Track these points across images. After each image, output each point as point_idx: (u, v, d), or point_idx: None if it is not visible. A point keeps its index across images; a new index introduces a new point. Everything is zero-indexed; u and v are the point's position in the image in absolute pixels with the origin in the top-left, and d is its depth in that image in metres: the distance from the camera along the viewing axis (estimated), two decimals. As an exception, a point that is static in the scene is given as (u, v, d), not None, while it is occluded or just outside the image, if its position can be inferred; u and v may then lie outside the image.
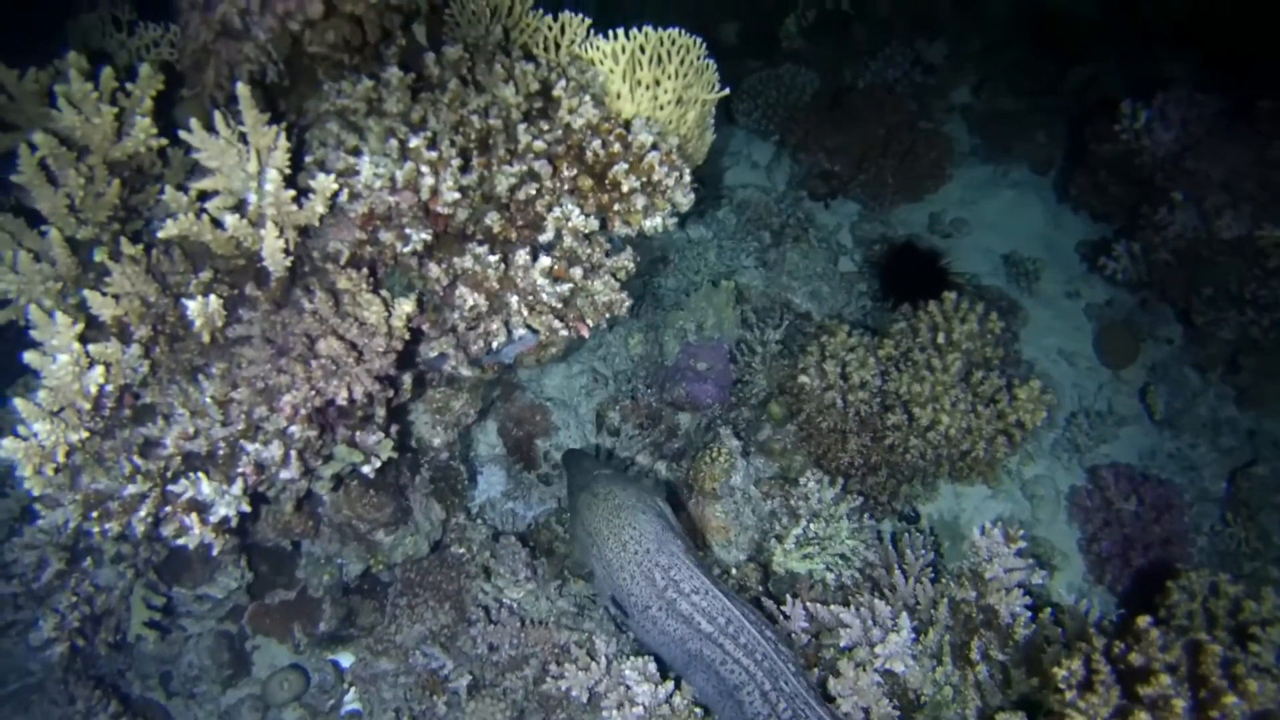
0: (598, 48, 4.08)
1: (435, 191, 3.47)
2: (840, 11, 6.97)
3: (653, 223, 3.84)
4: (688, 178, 3.93)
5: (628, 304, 3.79)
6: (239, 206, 3.56)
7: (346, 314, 3.47)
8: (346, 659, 4.88)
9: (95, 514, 3.50)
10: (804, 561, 4.58)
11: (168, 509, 3.54)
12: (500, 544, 4.92)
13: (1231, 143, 5.47)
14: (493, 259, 3.46)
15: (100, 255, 3.69)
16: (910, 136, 6.54)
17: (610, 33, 4.10)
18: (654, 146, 3.77)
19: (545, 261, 3.49)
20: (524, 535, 5.16)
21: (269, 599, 4.80)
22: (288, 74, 3.75)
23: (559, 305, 3.60)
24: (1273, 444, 5.46)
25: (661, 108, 4.25)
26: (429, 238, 3.51)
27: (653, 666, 4.28)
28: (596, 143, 3.71)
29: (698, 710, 4.19)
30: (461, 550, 4.88)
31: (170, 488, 3.52)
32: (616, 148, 3.74)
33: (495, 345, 3.73)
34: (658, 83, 4.20)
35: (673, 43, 4.16)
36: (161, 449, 3.57)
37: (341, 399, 3.48)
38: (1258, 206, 5.45)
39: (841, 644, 4.29)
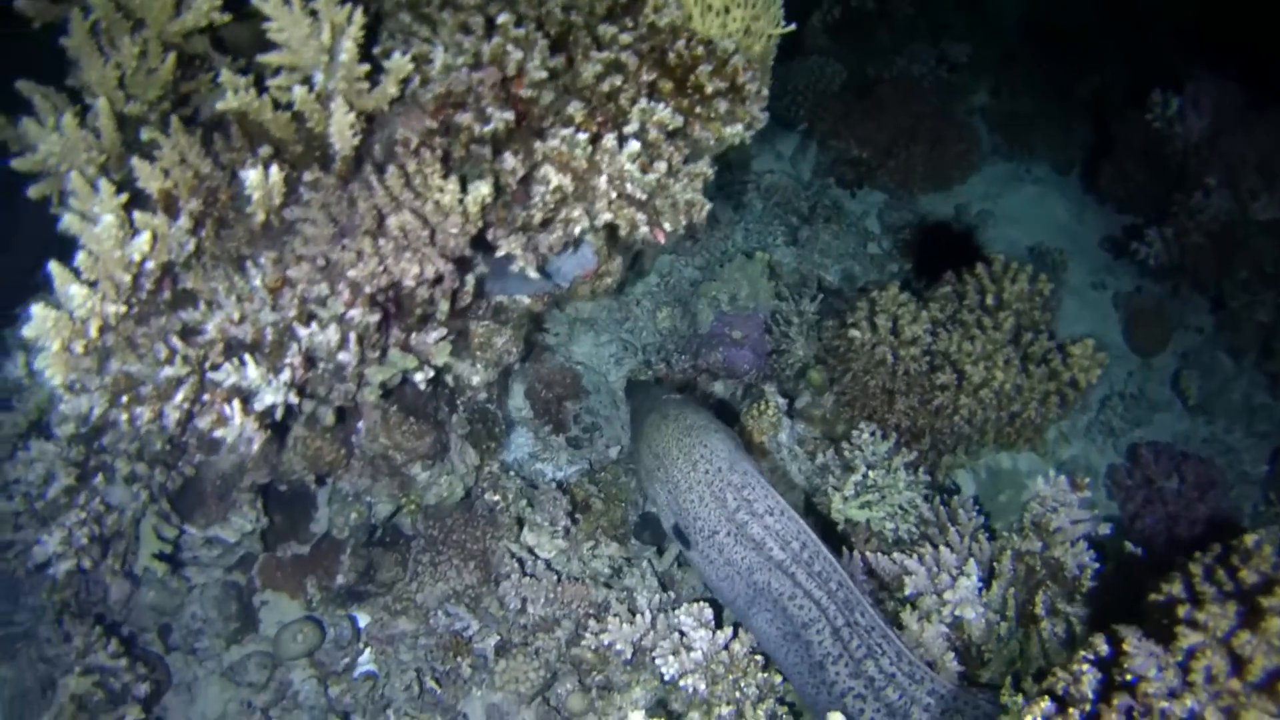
0: (673, -35, 3.99)
1: (521, 70, 3.31)
2: (865, 10, 7.05)
3: (733, 129, 3.70)
4: (765, 91, 3.82)
5: (708, 207, 3.63)
6: (305, 84, 3.36)
7: (420, 193, 3.27)
8: (363, 618, 4.52)
9: (125, 398, 3.20)
10: (863, 510, 4.38)
11: (206, 397, 3.25)
12: (540, 491, 4.66)
13: (1264, 126, 5.56)
14: (582, 137, 3.28)
15: (149, 134, 3.44)
16: (939, 126, 6.58)
17: (685, -48, 4.02)
18: (736, 51, 3.66)
19: (634, 146, 3.33)
20: (562, 486, 4.88)
21: (281, 552, 4.46)
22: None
23: (644, 197, 3.43)
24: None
25: (730, 36, 4.17)
26: (511, 118, 3.34)
27: (709, 612, 4.03)
28: (680, 43, 3.59)
29: (758, 658, 3.93)
30: (496, 497, 4.60)
31: (210, 375, 3.24)
32: (700, 50, 3.62)
33: (571, 241, 3.53)
34: (728, 10, 4.12)
35: (745, -31, 4.09)
36: (202, 334, 3.30)
37: (411, 278, 3.25)
38: (1293, 189, 5.53)
39: (907, 592, 4.07)
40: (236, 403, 3.20)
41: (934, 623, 4.07)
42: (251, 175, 3.19)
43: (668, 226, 3.65)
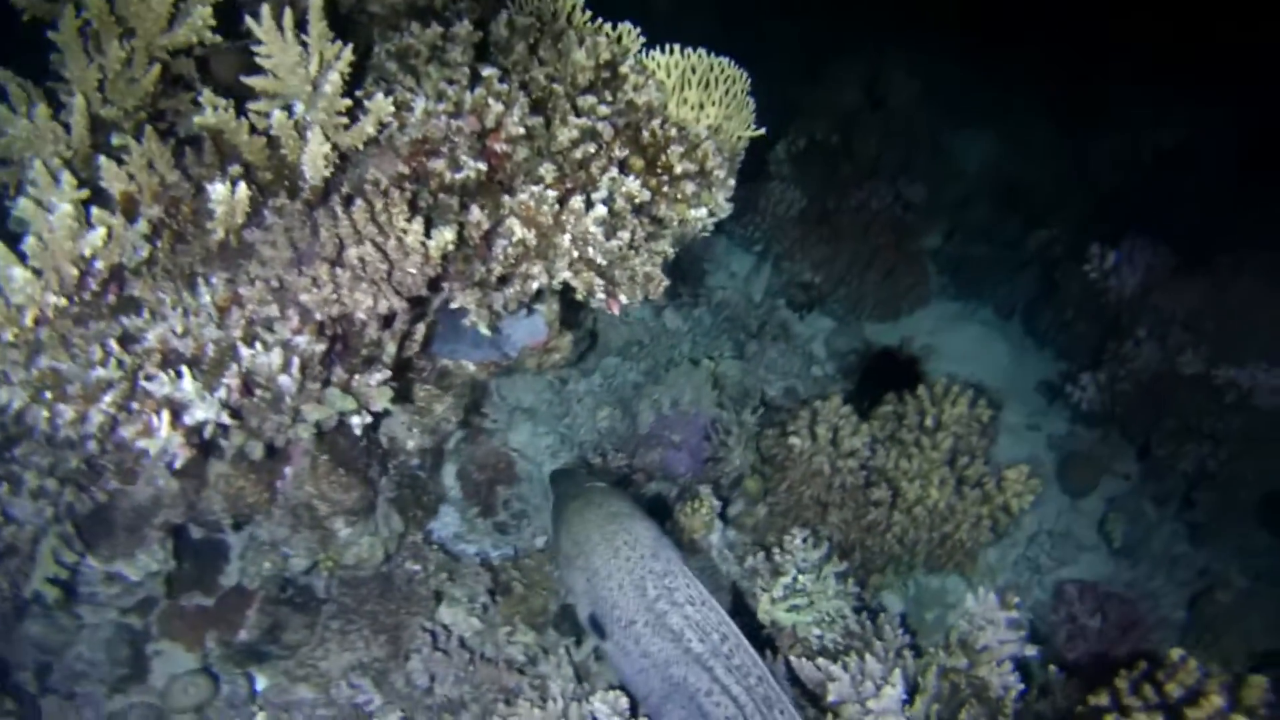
0: (654, 59, 4.18)
1: (500, 123, 3.39)
2: (829, 144, 7.41)
3: (698, 213, 3.82)
4: (732, 182, 3.97)
5: (665, 283, 3.68)
6: (286, 111, 3.41)
7: (384, 229, 3.28)
8: (262, 680, 4.24)
9: (50, 394, 3.07)
10: (790, 614, 4.29)
11: (135, 405, 3.13)
12: (462, 564, 4.50)
13: (1191, 287, 5.90)
14: (550, 194, 3.35)
15: (120, 140, 3.43)
16: (894, 259, 6.84)
17: (665, 47, 4.22)
18: (708, 137, 3.82)
19: (601, 210, 3.40)
20: (485, 562, 4.73)
21: (185, 601, 4.22)
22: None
23: (604, 263, 3.48)
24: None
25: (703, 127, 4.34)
26: (484, 169, 3.40)
27: (624, 701, 3.85)
28: (655, 122, 3.74)
29: (672, 753, 3.75)
30: (416, 566, 4.43)
31: (143, 384, 3.13)
32: (673, 132, 3.77)
33: (526, 300, 3.54)
34: (702, 106, 4.31)
35: (721, 70, 4.29)
36: (142, 342, 3.21)
37: (363, 311, 3.22)
38: (1215, 346, 5.80)
39: (830, 699, 3.95)
40: (166, 414, 3.08)
41: (854, 733, 3.95)
42: (219, 188, 3.17)
43: (623, 298, 3.69)
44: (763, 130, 4.53)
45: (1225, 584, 5.49)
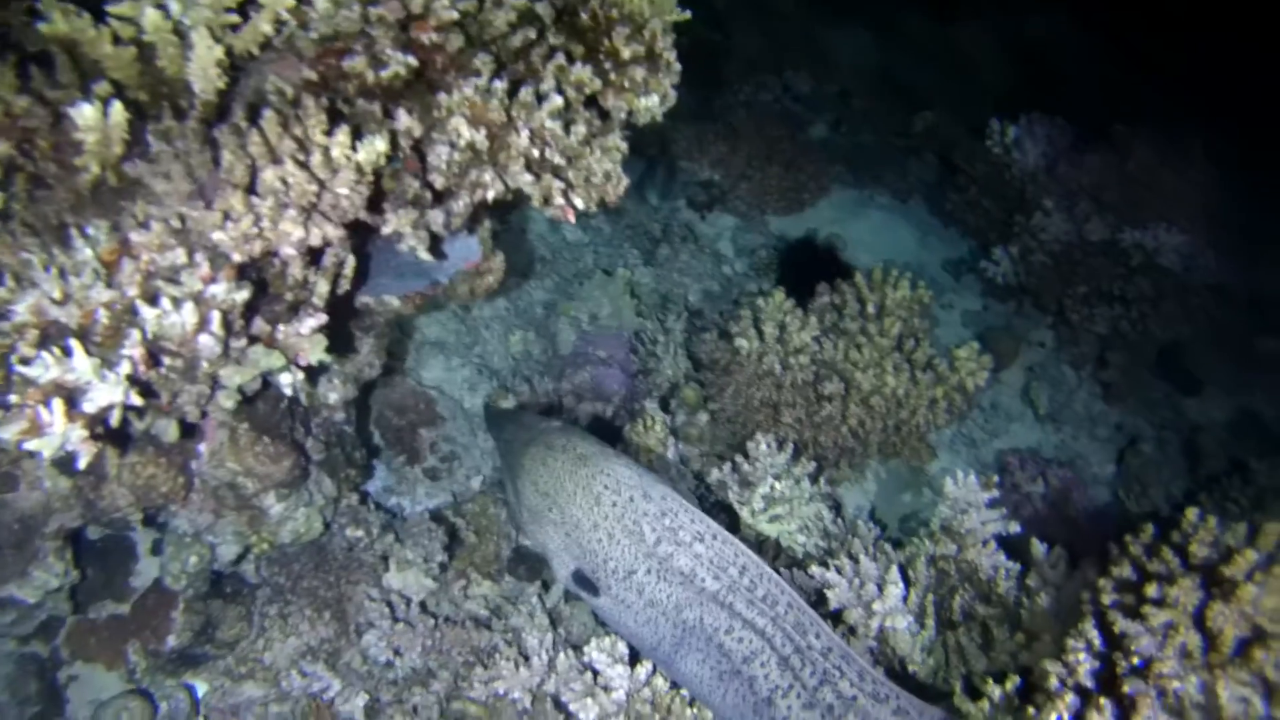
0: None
1: (428, 9, 2.84)
2: (712, 42, 7.05)
3: (648, 102, 3.39)
4: (679, 66, 3.55)
5: (625, 183, 3.28)
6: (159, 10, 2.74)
7: (304, 145, 2.71)
8: (202, 686, 3.69)
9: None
10: (773, 524, 4.09)
11: (13, 398, 2.50)
12: (411, 523, 4.04)
13: (1092, 157, 5.97)
14: (500, 84, 2.85)
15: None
16: (792, 150, 6.62)
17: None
18: (653, 16, 3.37)
19: (556, 100, 2.93)
20: (435, 516, 4.28)
21: (94, 613, 3.61)
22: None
23: (563, 162, 3.03)
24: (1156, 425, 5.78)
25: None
26: (414, 64, 2.85)
27: (623, 646, 3.56)
28: (595, 1, 3.26)
29: (683, 693, 3.50)
30: (359, 533, 3.94)
31: (20, 369, 2.50)
32: (615, 12, 3.30)
33: (473, 214, 3.06)
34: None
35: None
36: (9, 317, 2.56)
37: (292, 245, 2.67)
38: (1119, 212, 5.93)
39: (831, 607, 3.80)
40: (58, 403, 2.47)
41: (860, 638, 3.83)
42: (85, 111, 2.52)
43: (579, 203, 3.26)
44: (688, 14, 4.11)
45: (1141, 437, 5.72)
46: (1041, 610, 3.77)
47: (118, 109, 2.58)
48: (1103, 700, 2.54)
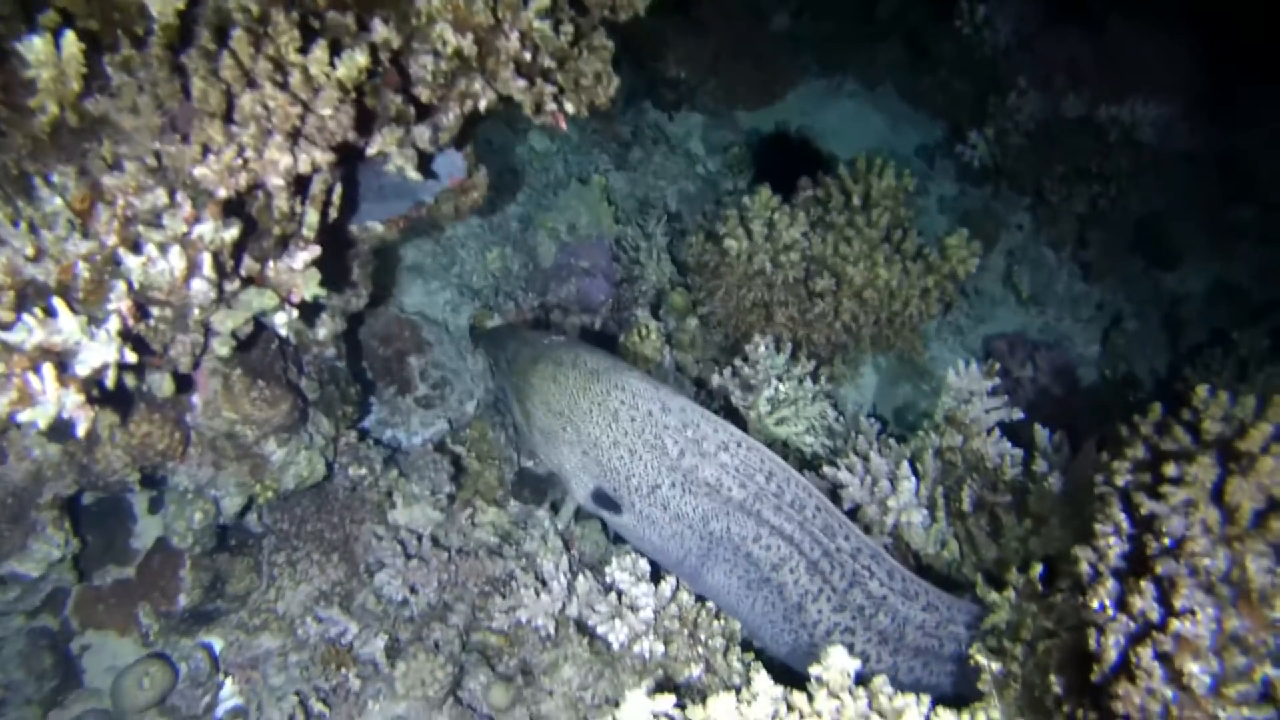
0: None
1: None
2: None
3: (636, -5, 3.19)
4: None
5: (616, 83, 3.10)
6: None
7: (279, 64, 2.49)
8: (218, 643, 3.60)
9: None
10: (782, 427, 4.05)
11: (-1, 367, 2.32)
12: (414, 456, 3.94)
13: (1068, 31, 5.83)
14: (485, -12, 2.63)
15: None
16: (760, 42, 6.37)
17: None
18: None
19: None
20: (439, 447, 4.18)
21: (98, 579, 3.49)
22: None
23: (553, 65, 2.84)
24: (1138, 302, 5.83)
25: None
26: (389, -32, 2.62)
27: (643, 563, 3.53)
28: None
29: (709, 605, 3.50)
30: (362, 470, 3.83)
31: (2, 335, 2.31)
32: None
33: (463, 125, 2.87)
34: None
35: None
36: (-21, 281, 2.35)
37: (280, 174, 2.47)
38: (1095, 87, 5.82)
39: (845, 506, 3.80)
40: (48, 369, 2.30)
41: (876, 534, 3.85)
42: (36, 44, 2.28)
43: (570, 108, 3.09)
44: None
45: (1124, 315, 5.76)
46: (1048, 494, 3.82)
47: (70, 40, 2.33)
48: (1143, 583, 2.55)
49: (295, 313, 2.92)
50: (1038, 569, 3.27)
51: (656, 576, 3.53)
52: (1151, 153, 5.82)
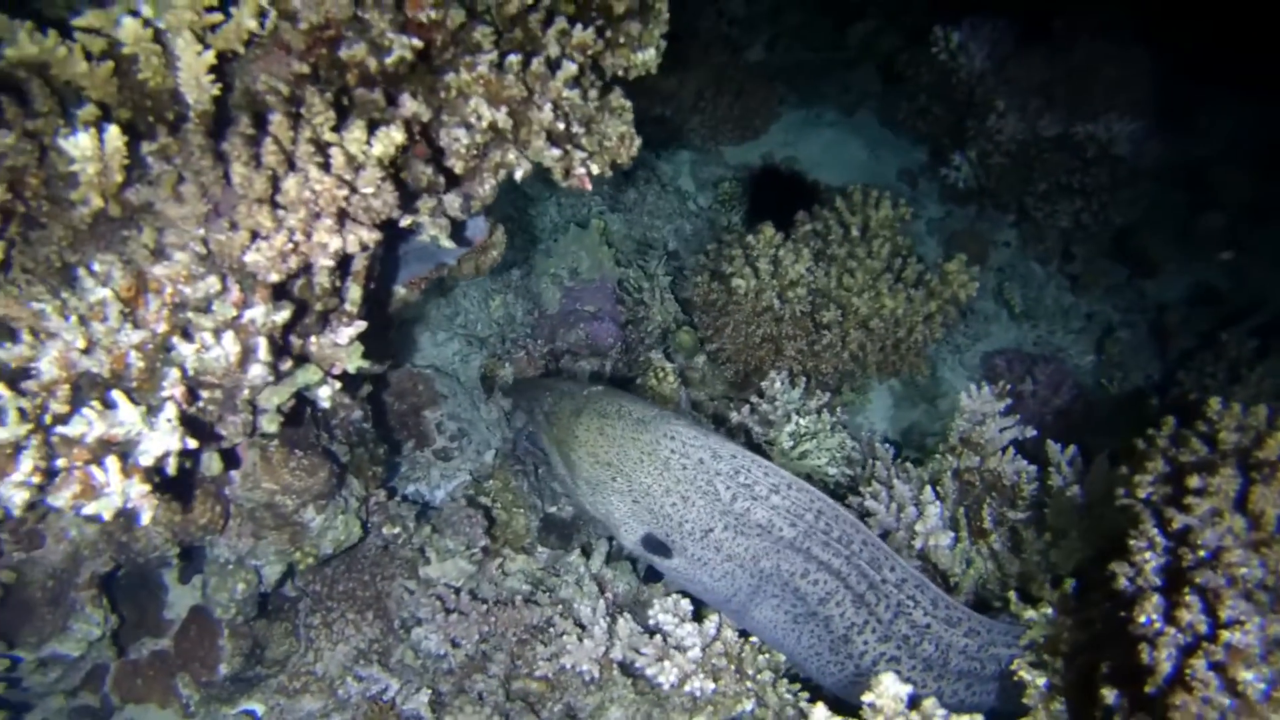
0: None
1: (424, -16, 2.67)
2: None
3: (644, 56, 3.27)
4: (667, 14, 3.43)
5: (638, 142, 3.18)
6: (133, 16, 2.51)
7: (319, 145, 2.54)
8: (260, 708, 3.59)
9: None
10: (805, 460, 4.13)
11: (60, 461, 2.34)
12: (445, 510, 3.96)
13: (1037, 54, 6.02)
14: (514, 59, 2.71)
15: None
16: (740, 76, 6.51)
17: None
18: (641, -34, 3.24)
19: (570, 68, 2.81)
20: (470, 501, 4.21)
21: (135, 653, 3.47)
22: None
23: (582, 131, 2.92)
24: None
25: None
26: (419, 46, 2.69)
27: (685, 603, 3.57)
28: (583, -46, 3.11)
29: (753, 639, 3.55)
30: (395, 530, 3.85)
31: (60, 429, 2.33)
32: (604, -37, 3.16)
33: (495, 194, 2.94)
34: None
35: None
36: (35, 376, 2.38)
37: (329, 256, 2.52)
38: (1069, 107, 6.01)
39: (875, 532, 3.88)
40: (112, 461, 2.32)
41: (904, 558, 3.92)
42: (81, 140, 2.32)
43: (595, 169, 3.16)
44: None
45: (1114, 324, 5.91)
46: (1066, 508, 3.91)
47: (114, 134, 2.38)
48: (1189, 596, 2.64)
49: (339, 385, 2.95)
50: (1069, 584, 3.36)
51: (698, 614, 3.58)
52: (1127, 166, 6.02)
